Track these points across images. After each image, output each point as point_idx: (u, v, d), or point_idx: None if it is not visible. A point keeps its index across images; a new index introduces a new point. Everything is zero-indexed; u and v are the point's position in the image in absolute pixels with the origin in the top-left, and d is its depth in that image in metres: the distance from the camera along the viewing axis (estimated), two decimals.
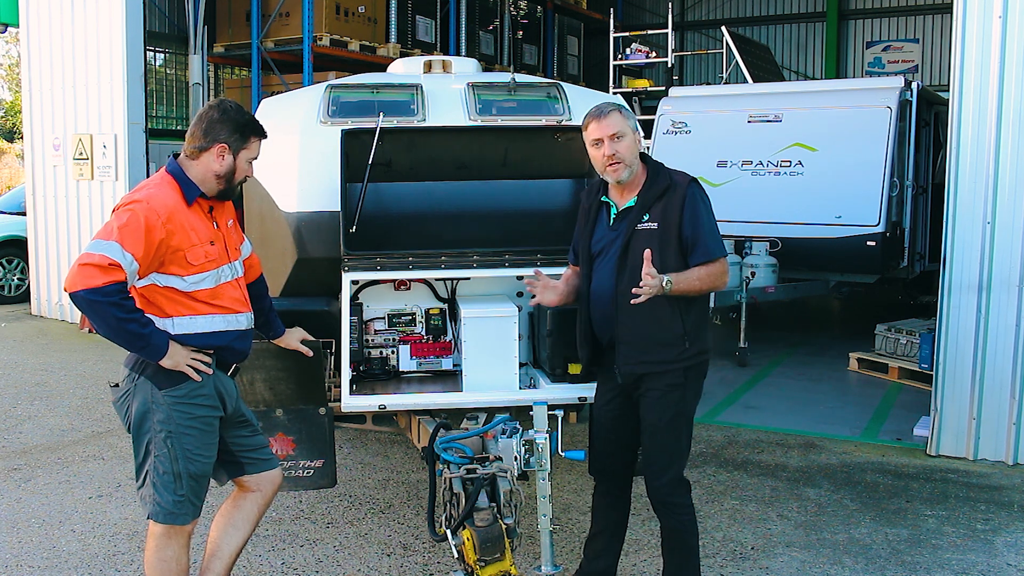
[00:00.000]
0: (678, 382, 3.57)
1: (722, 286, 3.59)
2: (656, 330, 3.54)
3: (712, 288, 3.56)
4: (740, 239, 9.32)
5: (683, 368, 3.56)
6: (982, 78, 5.86)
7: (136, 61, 10.31)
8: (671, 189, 3.55)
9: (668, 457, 3.60)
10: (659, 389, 3.56)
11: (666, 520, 3.66)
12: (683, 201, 3.51)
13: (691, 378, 3.61)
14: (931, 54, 19.11)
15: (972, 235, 5.90)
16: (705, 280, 3.51)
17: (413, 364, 4.78)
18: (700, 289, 3.52)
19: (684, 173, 3.63)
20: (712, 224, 3.56)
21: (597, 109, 3.60)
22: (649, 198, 3.57)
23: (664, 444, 3.60)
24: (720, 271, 3.53)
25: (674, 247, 3.51)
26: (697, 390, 3.67)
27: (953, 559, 4.52)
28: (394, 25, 13.94)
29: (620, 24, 16.98)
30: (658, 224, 3.53)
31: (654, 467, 3.62)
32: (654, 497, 3.65)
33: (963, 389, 5.98)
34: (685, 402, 3.61)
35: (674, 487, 3.61)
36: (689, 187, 3.55)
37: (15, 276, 12.30)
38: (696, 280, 3.49)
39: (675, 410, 3.58)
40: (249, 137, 3.35)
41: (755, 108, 9.88)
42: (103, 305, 2.98)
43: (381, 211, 4.78)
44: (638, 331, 3.55)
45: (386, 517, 5.00)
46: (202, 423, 3.27)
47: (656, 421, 3.58)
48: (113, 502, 5.21)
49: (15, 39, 20.66)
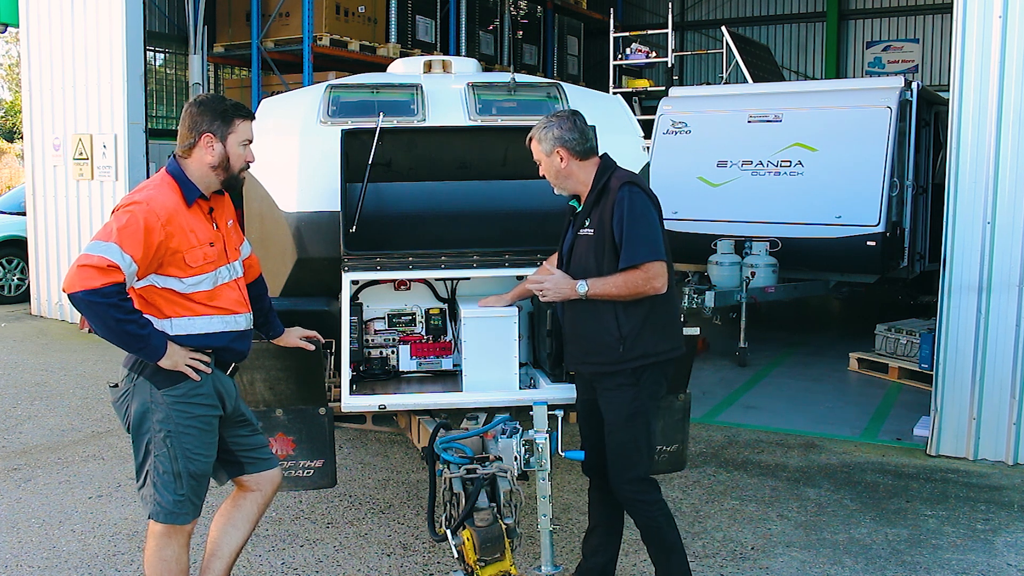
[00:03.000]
0: (628, 382, 3.58)
1: (650, 291, 3.51)
2: (594, 332, 3.60)
3: (636, 293, 3.51)
4: (740, 239, 9.32)
5: (631, 369, 3.57)
6: (982, 78, 5.86)
7: (136, 61, 10.31)
8: (605, 194, 3.59)
9: (627, 457, 3.63)
10: (610, 389, 3.62)
11: (637, 518, 3.70)
12: (613, 206, 3.53)
13: (644, 379, 3.60)
14: (931, 54, 19.10)
15: (972, 235, 5.90)
16: (623, 287, 3.50)
17: (413, 364, 4.78)
18: (621, 295, 3.52)
19: (628, 174, 3.65)
20: (640, 228, 3.50)
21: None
22: (588, 204, 3.66)
23: (622, 444, 3.62)
24: (642, 277, 3.48)
25: (609, 253, 3.54)
26: (653, 390, 3.65)
27: (953, 559, 4.52)
28: (394, 25, 13.94)
29: (620, 24, 16.99)
30: (594, 231, 3.59)
31: (615, 467, 3.66)
32: (620, 496, 3.69)
33: (963, 389, 5.98)
34: (638, 402, 3.60)
35: (638, 485, 3.64)
36: (620, 191, 3.54)
37: (15, 276, 12.30)
38: (613, 287, 3.51)
39: (628, 410, 3.60)
40: (232, 120, 3.32)
41: (755, 108, 9.87)
42: (101, 306, 2.98)
43: (381, 211, 4.77)
44: (579, 332, 3.67)
45: (386, 517, 5.00)
46: (201, 422, 3.27)
47: (613, 420, 3.63)
48: (113, 502, 5.21)
49: (15, 39, 20.65)
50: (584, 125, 3.70)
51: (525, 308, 4.78)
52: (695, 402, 6.47)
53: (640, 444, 3.63)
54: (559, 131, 3.64)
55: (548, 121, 3.69)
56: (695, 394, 6.62)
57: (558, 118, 3.69)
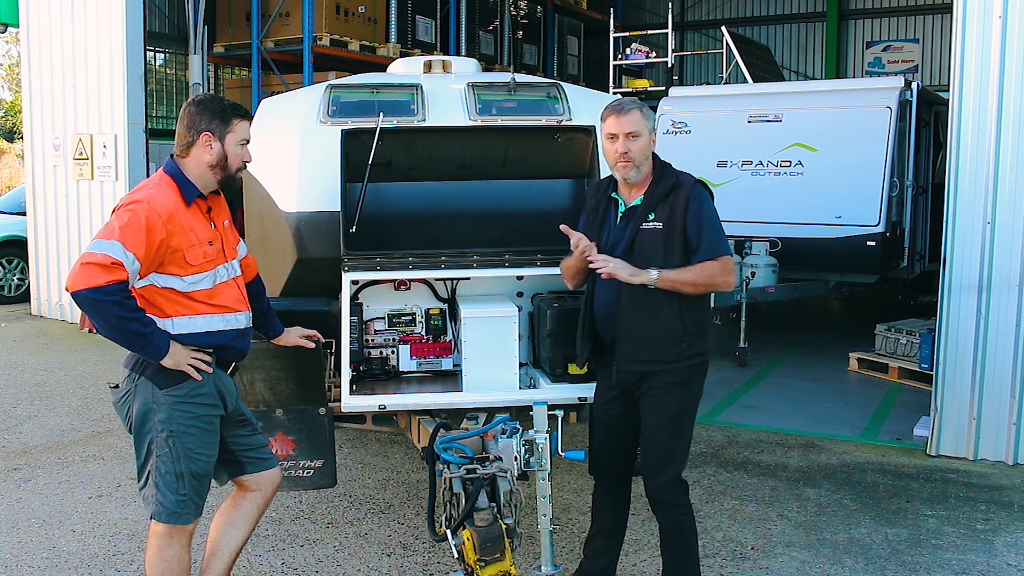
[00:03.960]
0: (681, 380, 3.57)
1: (724, 286, 3.55)
2: (656, 330, 3.54)
3: (710, 286, 3.52)
4: (740, 239, 9.32)
5: (686, 367, 3.56)
6: (982, 78, 5.86)
7: (136, 61, 10.31)
8: (676, 189, 3.55)
9: (666, 457, 3.60)
10: (661, 387, 3.56)
11: (664, 520, 3.66)
12: (687, 201, 3.51)
13: (694, 377, 3.61)
14: (931, 54, 19.11)
15: (972, 235, 5.90)
16: (700, 276, 3.47)
17: (413, 364, 4.78)
18: (694, 284, 3.48)
19: (689, 174, 3.64)
20: (716, 224, 3.55)
21: (619, 104, 3.61)
22: (655, 197, 3.57)
23: (663, 443, 3.59)
24: (720, 268, 3.49)
25: (679, 247, 3.51)
26: (699, 390, 3.67)
27: (953, 559, 4.52)
28: (394, 25, 13.94)
29: (620, 24, 16.99)
30: (663, 224, 3.53)
31: (652, 467, 3.62)
32: (652, 497, 3.65)
33: (963, 389, 5.98)
34: (687, 401, 3.60)
35: (672, 487, 3.61)
36: (694, 187, 3.56)
37: (15, 276, 12.30)
38: (689, 274, 3.46)
39: (677, 409, 3.58)
40: (230, 120, 3.33)
41: (755, 108, 9.88)
42: (105, 304, 2.99)
43: (381, 211, 4.77)
44: (639, 330, 3.56)
45: (386, 517, 5.00)
46: (203, 422, 3.28)
47: (657, 420, 3.58)
48: (113, 502, 5.21)
49: (15, 39, 20.65)
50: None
51: (525, 308, 4.78)
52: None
53: (682, 444, 3.62)
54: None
55: (639, 101, 3.66)
56: None
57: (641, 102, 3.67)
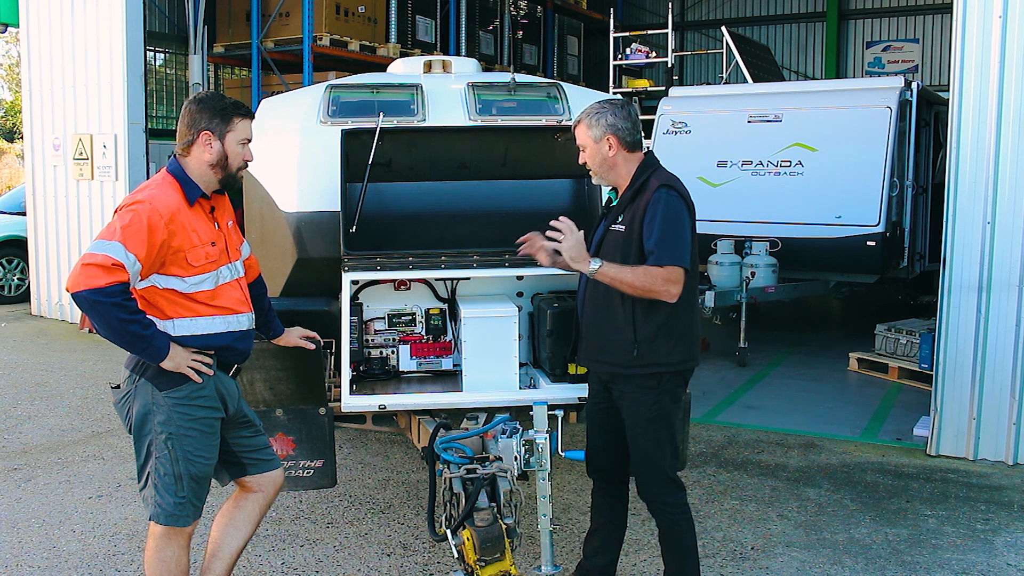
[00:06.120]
0: (648, 385, 3.51)
1: (665, 296, 3.36)
2: (610, 331, 3.54)
3: (649, 292, 3.36)
4: (740, 239, 9.32)
5: (651, 373, 3.49)
6: (982, 78, 5.86)
7: (136, 61, 10.31)
8: (641, 192, 3.49)
9: (650, 459, 3.59)
10: (631, 391, 3.54)
11: (659, 519, 3.67)
12: (646, 206, 3.43)
13: (664, 383, 3.53)
14: (931, 54, 19.11)
15: (972, 235, 5.90)
16: (639, 279, 3.34)
17: (413, 364, 4.79)
18: (632, 286, 3.36)
19: (669, 176, 3.53)
20: (672, 232, 3.38)
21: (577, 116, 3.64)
22: (624, 200, 3.57)
23: (643, 446, 3.57)
24: (662, 277, 3.33)
25: (635, 252, 3.44)
26: (674, 394, 3.59)
27: (953, 559, 4.52)
28: (394, 25, 13.94)
29: (620, 24, 16.98)
30: (626, 227, 3.50)
31: (639, 469, 3.63)
32: (644, 497, 3.66)
33: (963, 389, 5.98)
34: (660, 404, 3.53)
35: (663, 487, 3.60)
36: (657, 191, 3.43)
37: (15, 276, 12.30)
38: (630, 275, 3.36)
39: (652, 411, 3.52)
40: (231, 118, 3.32)
41: (755, 108, 9.87)
42: (106, 305, 2.98)
43: (381, 211, 4.78)
44: (594, 329, 3.61)
45: (386, 517, 5.01)
46: (203, 424, 3.27)
47: (635, 423, 3.56)
48: (113, 502, 5.21)
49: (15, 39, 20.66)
50: (636, 116, 3.61)
51: (525, 308, 4.78)
52: (695, 402, 6.50)
53: (663, 445, 3.57)
54: (613, 118, 3.52)
55: (601, 107, 3.55)
56: (695, 394, 6.64)
57: (612, 105, 3.56)
